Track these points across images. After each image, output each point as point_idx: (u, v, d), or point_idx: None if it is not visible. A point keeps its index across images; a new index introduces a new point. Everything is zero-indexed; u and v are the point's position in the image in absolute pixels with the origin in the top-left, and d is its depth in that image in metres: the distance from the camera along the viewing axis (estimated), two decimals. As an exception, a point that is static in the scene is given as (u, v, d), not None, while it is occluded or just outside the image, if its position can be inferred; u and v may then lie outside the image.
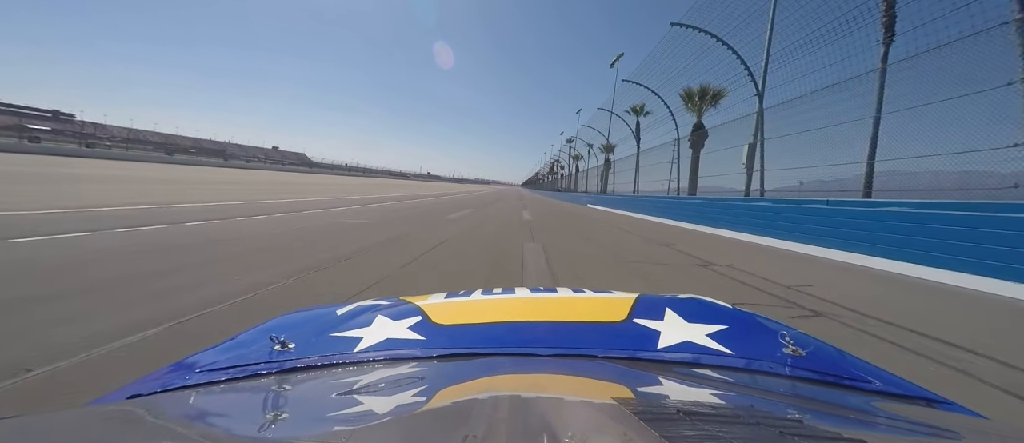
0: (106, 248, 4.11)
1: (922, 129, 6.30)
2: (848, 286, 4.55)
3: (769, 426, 0.37)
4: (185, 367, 0.66)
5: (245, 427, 0.45)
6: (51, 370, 1.68)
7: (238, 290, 2.97)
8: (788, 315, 3.25)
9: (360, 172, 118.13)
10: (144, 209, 7.31)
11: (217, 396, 0.57)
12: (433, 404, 0.47)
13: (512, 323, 0.79)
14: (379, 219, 8.75)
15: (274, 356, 0.66)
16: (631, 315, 0.80)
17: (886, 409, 0.55)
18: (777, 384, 0.61)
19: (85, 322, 2.20)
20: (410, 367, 0.64)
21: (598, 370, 0.62)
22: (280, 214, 8.37)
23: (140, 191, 11.07)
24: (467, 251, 5.50)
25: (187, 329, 2.22)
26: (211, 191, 13.26)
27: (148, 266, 3.49)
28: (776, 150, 9.90)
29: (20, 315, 2.26)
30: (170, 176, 21.70)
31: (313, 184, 28.09)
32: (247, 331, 0.81)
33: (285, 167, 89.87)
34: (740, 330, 0.75)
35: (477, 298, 0.95)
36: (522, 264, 4.78)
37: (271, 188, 18.45)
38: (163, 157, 72.05)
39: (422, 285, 3.56)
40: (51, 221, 5.27)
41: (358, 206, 11.87)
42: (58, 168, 19.87)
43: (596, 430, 0.33)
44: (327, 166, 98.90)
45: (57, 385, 1.59)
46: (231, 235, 5.42)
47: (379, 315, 0.81)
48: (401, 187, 40.59)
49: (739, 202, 9.89)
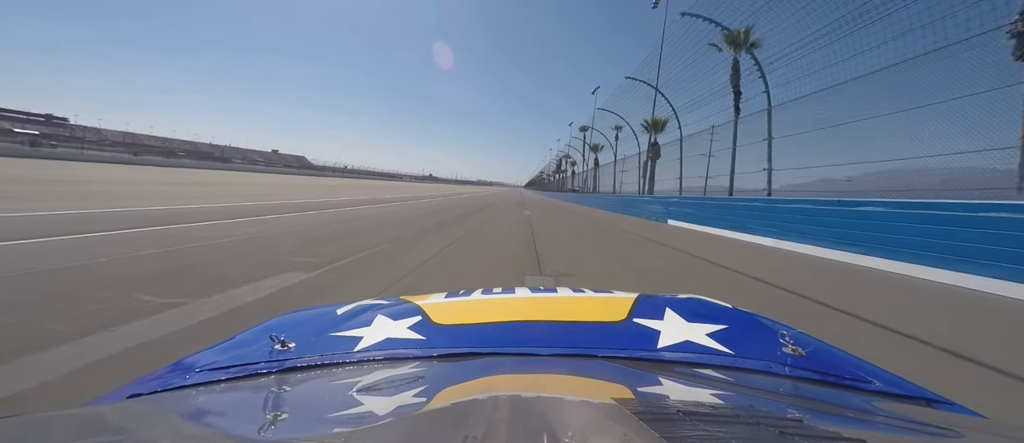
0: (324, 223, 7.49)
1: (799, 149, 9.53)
2: (740, 254, 7.21)
3: (769, 426, 0.37)
4: (185, 366, 0.66)
5: (245, 427, 0.45)
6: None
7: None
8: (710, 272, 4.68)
9: (359, 174, 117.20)
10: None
11: (217, 396, 0.57)
12: (433, 404, 0.46)
13: (512, 323, 0.79)
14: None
15: (274, 355, 0.66)
16: (631, 315, 0.80)
17: (886, 409, 0.55)
18: (777, 384, 0.61)
19: (351, 242, 5.79)
20: (410, 367, 0.64)
21: (598, 370, 0.62)
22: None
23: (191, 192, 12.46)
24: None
25: (380, 251, 5.32)
26: (233, 191, 13.57)
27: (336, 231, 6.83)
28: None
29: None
30: (180, 179, 21.61)
31: (306, 186, 27.18)
32: (247, 330, 0.81)
33: (284, 170, 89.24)
34: (740, 330, 0.75)
35: (477, 297, 0.95)
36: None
37: (273, 190, 18.08)
38: (160, 161, 71.86)
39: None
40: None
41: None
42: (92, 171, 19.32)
43: (596, 430, 0.33)
44: (327, 169, 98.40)
45: (378, 254, 5.12)
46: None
47: (379, 315, 0.81)
48: (391, 189, 38.81)
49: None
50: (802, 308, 3.68)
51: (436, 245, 6.22)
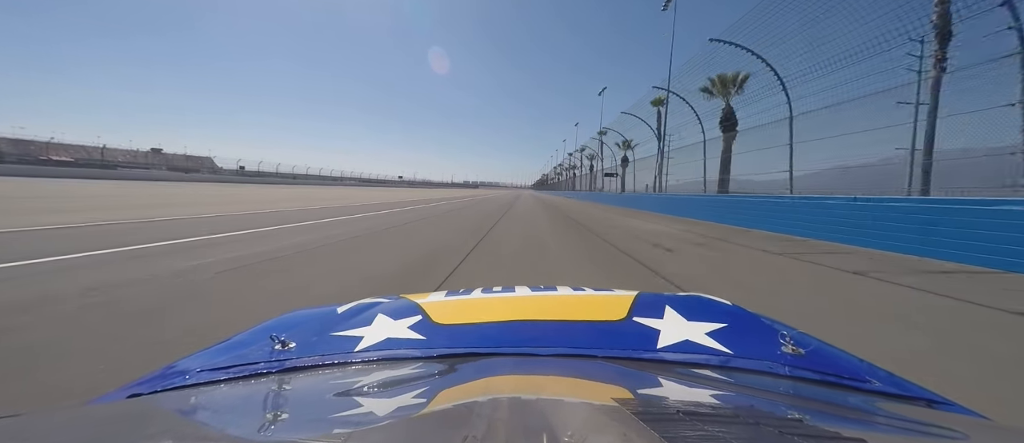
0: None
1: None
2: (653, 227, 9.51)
3: (769, 426, 0.37)
4: (185, 366, 0.66)
5: (245, 427, 0.45)
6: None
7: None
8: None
9: (301, 180, 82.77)
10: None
11: (217, 396, 0.57)
12: (433, 405, 0.47)
13: (512, 322, 0.79)
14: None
15: (274, 355, 0.66)
16: (631, 313, 0.80)
17: (886, 409, 0.55)
18: (777, 384, 0.61)
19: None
20: (410, 367, 0.64)
21: (598, 370, 0.62)
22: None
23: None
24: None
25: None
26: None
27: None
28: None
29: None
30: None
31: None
32: (247, 331, 0.81)
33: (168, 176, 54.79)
34: (740, 328, 0.75)
35: (477, 296, 0.95)
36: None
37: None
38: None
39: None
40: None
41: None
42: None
43: (596, 430, 0.33)
44: (255, 174, 71.88)
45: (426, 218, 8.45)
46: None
47: (379, 314, 0.81)
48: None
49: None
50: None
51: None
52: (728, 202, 11.53)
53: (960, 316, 3.03)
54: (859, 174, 8.08)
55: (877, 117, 7.54)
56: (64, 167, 42.90)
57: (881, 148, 7.71)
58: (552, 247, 6.20)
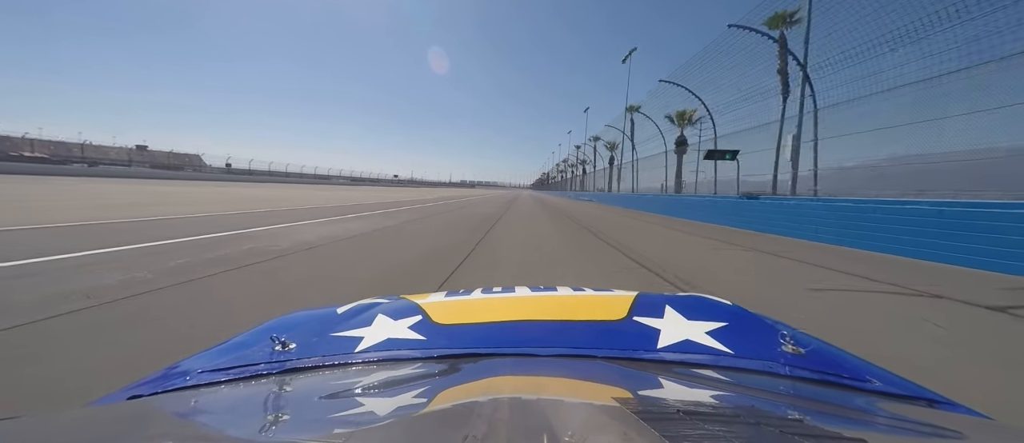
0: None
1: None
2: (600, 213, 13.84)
3: (769, 426, 0.37)
4: (185, 368, 0.66)
5: (245, 428, 0.45)
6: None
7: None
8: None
9: (295, 179, 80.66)
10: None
11: (218, 397, 0.57)
12: (433, 405, 0.46)
13: (512, 322, 0.79)
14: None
15: (275, 356, 0.66)
16: (631, 313, 0.80)
17: (887, 409, 0.55)
18: (777, 384, 0.61)
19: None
20: (411, 368, 0.64)
21: (598, 370, 0.62)
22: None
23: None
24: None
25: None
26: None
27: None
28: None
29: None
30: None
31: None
32: (248, 332, 0.81)
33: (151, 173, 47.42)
34: (740, 328, 0.75)
35: (477, 297, 0.95)
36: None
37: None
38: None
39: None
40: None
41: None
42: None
43: (597, 430, 0.33)
44: (246, 172, 68.94)
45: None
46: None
47: (379, 315, 0.81)
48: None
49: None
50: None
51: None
52: (676, 200, 16.55)
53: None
54: (753, 184, 12.69)
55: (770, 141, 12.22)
56: (36, 164, 41.01)
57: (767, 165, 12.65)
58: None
